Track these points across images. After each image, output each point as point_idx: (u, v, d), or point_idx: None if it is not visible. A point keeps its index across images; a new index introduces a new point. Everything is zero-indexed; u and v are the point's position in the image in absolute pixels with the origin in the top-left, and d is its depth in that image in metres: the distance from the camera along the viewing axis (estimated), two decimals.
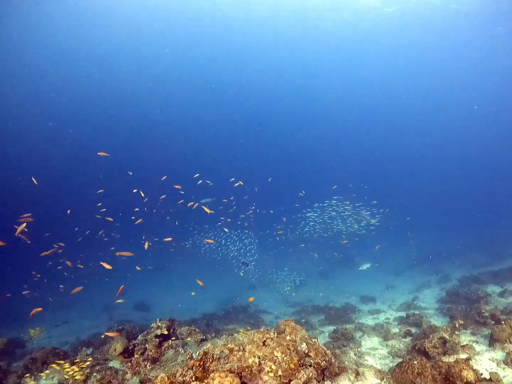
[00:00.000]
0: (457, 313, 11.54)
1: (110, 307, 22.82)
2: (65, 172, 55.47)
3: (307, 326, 14.09)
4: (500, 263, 20.31)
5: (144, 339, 7.97)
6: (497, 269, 17.56)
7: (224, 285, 27.09)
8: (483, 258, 24.21)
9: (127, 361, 7.17)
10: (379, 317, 14.55)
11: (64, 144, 53.10)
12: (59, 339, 15.96)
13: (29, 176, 14.20)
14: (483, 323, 10.18)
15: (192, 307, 21.42)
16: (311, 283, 26.49)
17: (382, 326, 11.99)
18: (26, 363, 8.99)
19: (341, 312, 15.31)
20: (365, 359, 8.91)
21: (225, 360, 5.72)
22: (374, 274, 25.64)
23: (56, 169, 54.46)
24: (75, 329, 17.95)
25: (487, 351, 8.37)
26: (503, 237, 28.80)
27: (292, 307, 20.28)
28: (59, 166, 54.42)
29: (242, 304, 20.44)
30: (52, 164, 53.51)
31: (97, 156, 12.60)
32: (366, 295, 19.24)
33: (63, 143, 53.07)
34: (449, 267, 22.94)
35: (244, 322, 16.26)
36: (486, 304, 12.64)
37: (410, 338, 10.07)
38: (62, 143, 52.99)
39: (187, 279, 28.16)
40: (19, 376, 8.32)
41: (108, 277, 26.32)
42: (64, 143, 53.04)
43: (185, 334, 8.34)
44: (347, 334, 10.64)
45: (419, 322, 11.62)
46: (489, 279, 16.56)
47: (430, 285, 19.71)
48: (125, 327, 11.26)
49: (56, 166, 54.02)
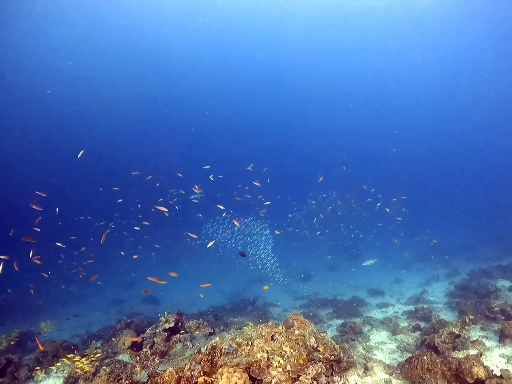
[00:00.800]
0: (466, 307, 11.43)
1: (120, 300, 23.16)
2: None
3: (315, 319, 14.09)
4: (510, 257, 20.07)
5: (152, 332, 8.04)
6: (507, 263, 17.32)
7: (232, 278, 27.30)
8: (492, 252, 23.93)
9: (136, 355, 7.26)
10: (388, 310, 14.48)
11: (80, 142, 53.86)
12: (69, 332, 16.20)
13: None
14: (493, 318, 10.08)
15: (200, 300, 21.64)
16: (319, 276, 26.53)
17: (391, 320, 11.93)
18: (37, 356, 9.15)
19: (349, 306, 15.28)
20: (373, 354, 8.89)
21: (233, 354, 5.74)
22: (383, 267, 25.57)
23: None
24: (85, 322, 18.22)
25: (497, 347, 8.29)
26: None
27: (300, 300, 20.32)
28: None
29: (250, 296, 20.57)
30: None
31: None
32: (374, 288, 19.16)
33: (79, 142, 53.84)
34: (458, 260, 22.75)
35: (252, 315, 16.33)
36: (495, 298, 12.49)
37: (419, 333, 10.01)
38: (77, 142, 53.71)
39: (196, 272, 28.46)
40: (30, 369, 8.46)
41: (119, 270, 26.75)
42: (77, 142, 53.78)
43: (193, 327, 8.40)
44: (356, 328, 10.62)
45: (428, 316, 11.55)
46: (499, 273, 16.35)
47: (439, 279, 19.55)
48: (134, 320, 11.39)
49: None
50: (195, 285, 25.72)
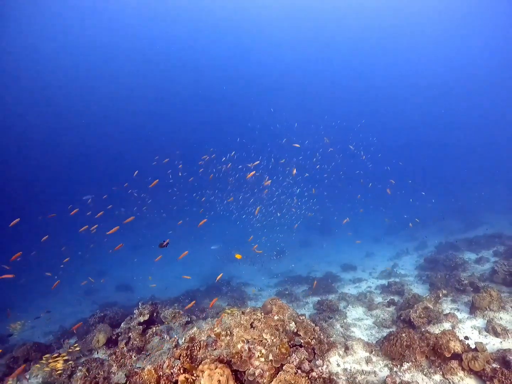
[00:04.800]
0: (437, 280, 11.80)
1: (93, 290, 22.27)
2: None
3: (291, 297, 14.14)
4: (474, 231, 21.01)
5: (127, 327, 7.59)
6: (472, 236, 18.09)
7: (205, 260, 26.99)
8: (457, 225, 25.00)
9: (112, 353, 6.79)
10: (361, 285, 14.79)
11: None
12: (42, 329, 15.36)
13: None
14: (462, 291, 10.42)
15: (174, 284, 21.22)
16: (292, 253, 26.66)
17: (365, 295, 12.14)
18: (7, 362, 8.45)
19: (324, 282, 15.42)
20: (351, 331, 8.95)
21: (213, 346, 5.44)
22: (354, 241, 26.10)
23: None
24: (58, 317, 17.34)
25: (469, 319, 8.54)
26: (477, 205, 29.81)
27: (274, 278, 20.40)
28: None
29: (224, 277, 20.40)
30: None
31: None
32: (347, 264, 19.53)
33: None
34: (425, 233, 23.53)
35: (228, 296, 16.19)
36: (463, 271, 12.98)
37: (394, 307, 10.22)
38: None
39: (166, 256, 27.78)
40: (0, 378, 7.75)
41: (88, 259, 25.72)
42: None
43: (169, 317, 8.02)
44: (332, 306, 10.69)
45: (401, 290, 11.84)
46: (465, 246, 17.04)
47: (408, 252, 20.22)
48: (107, 313, 10.80)
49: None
50: (168, 269, 25.27)
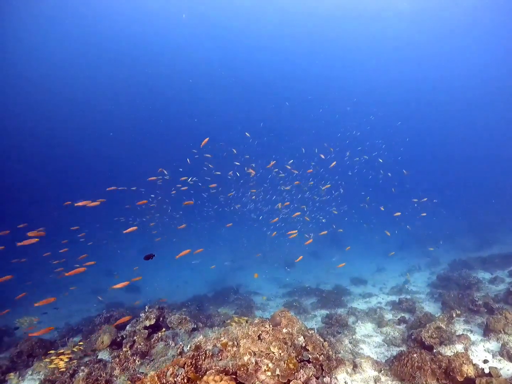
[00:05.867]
0: (449, 299, 11.49)
1: (100, 290, 22.42)
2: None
3: (299, 309, 13.97)
4: (489, 249, 20.50)
5: (132, 330, 7.58)
6: (486, 255, 17.63)
7: (215, 264, 26.93)
8: (471, 243, 24.45)
9: (115, 356, 6.80)
10: (371, 300, 14.50)
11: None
12: (49, 325, 15.51)
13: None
14: (476, 311, 10.13)
15: (182, 288, 21.25)
16: (301, 263, 26.42)
17: (375, 311, 11.89)
18: (11, 356, 8.54)
19: (333, 295, 15.18)
20: (360, 348, 8.76)
21: (218, 356, 5.39)
22: (364, 255, 25.75)
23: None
24: (64, 313, 17.52)
25: (482, 341, 8.28)
26: (492, 222, 29.11)
27: (283, 288, 20.22)
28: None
29: (232, 284, 20.34)
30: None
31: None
32: (357, 277, 19.26)
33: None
34: (438, 250, 23.06)
35: (236, 304, 16.09)
36: (477, 291, 12.62)
37: (404, 325, 9.98)
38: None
39: (176, 259, 27.86)
40: (4, 371, 7.86)
41: (96, 259, 25.90)
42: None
43: (176, 323, 8.00)
44: (341, 321, 10.50)
45: (412, 308, 11.56)
46: (479, 264, 16.62)
47: (420, 268, 19.83)
48: (113, 314, 10.88)
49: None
50: (177, 272, 25.32)
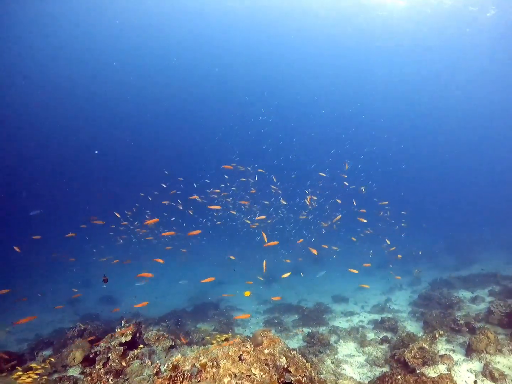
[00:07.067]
0: (431, 319, 11.43)
1: (76, 300, 21.41)
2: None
3: (280, 327, 13.66)
4: (469, 267, 20.81)
5: (107, 346, 7.12)
6: (467, 274, 17.91)
7: (194, 279, 26.31)
8: (451, 261, 24.79)
9: (87, 374, 6.33)
10: (353, 319, 14.33)
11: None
12: (18, 336, 14.66)
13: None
14: (458, 331, 10.10)
15: (161, 301, 20.56)
16: (282, 279, 26.11)
17: (358, 330, 11.72)
18: None
19: (315, 313, 14.99)
20: (342, 368, 8.52)
21: (197, 377, 5.06)
22: (346, 272, 25.59)
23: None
24: (36, 323, 16.51)
25: (465, 361, 8.21)
26: (471, 241, 29.69)
27: (263, 304, 19.82)
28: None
29: (212, 299, 19.85)
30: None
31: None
32: (338, 295, 19.10)
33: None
34: (419, 269, 23.23)
35: (216, 320, 15.62)
36: (458, 310, 12.67)
37: (387, 345, 9.82)
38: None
39: (156, 270, 27.11)
40: None
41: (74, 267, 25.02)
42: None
43: (153, 340, 7.58)
44: (323, 340, 10.25)
45: (395, 327, 11.45)
46: (460, 284, 16.79)
47: (402, 287, 19.88)
48: (88, 328, 10.27)
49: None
50: (155, 284, 24.56)
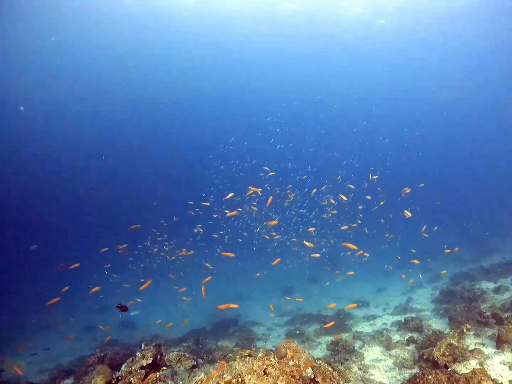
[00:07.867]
0: (456, 314, 11.14)
1: (93, 327, 21.34)
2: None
3: (302, 337, 13.41)
4: (489, 259, 20.34)
5: (128, 370, 7.05)
6: (487, 265, 17.45)
7: (213, 296, 26.13)
8: (469, 254, 24.28)
9: None
10: (376, 322, 14.05)
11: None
12: (38, 366, 14.65)
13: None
14: (485, 323, 9.79)
15: (180, 322, 20.36)
16: (301, 289, 25.81)
17: (382, 333, 11.43)
18: None
19: (336, 320, 14.68)
20: (371, 374, 8.30)
21: None
22: (364, 275, 25.25)
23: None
24: (55, 353, 16.53)
25: (496, 354, 7.95)
26: (488, 232, 29.09)
27: (283, 316, 19.53)
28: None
29: (231, 315, 19.62)
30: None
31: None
32: (359, 299, 18.78)
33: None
34: (437, 265, 22.77)
35: (236, 336, 15.43)
36: (483, 302, 12.30)
37: (413, 346, 9.54)
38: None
39: (173, 292, 27.00)
40: None
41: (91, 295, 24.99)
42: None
43: (174, 360, 7.50)
44: (348, 346, 10.01)
45: (420, 327, 11.16)
46: (481, 275, 16.39)
47: (422, 285, 19.47)
48: (107, 353, 10.19)
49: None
50: (173, 305, 24.40)
